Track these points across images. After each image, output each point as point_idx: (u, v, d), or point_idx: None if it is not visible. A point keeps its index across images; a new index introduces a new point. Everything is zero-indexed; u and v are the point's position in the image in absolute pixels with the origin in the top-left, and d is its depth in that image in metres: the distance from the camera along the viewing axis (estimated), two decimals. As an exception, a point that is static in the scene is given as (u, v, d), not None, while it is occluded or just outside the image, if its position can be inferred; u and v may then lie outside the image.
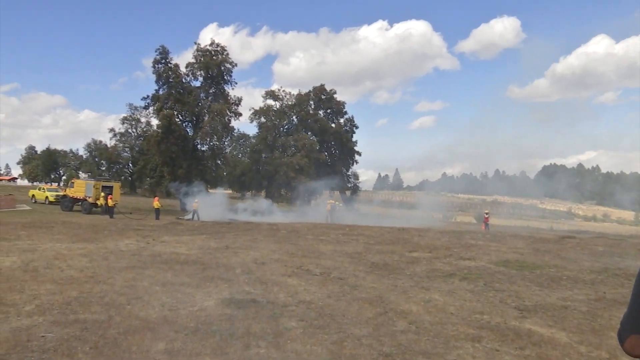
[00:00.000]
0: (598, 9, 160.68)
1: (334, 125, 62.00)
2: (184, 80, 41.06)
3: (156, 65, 40.01)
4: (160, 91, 40.61)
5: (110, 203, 29.21)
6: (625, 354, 1.26)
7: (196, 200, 32.21)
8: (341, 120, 63.13)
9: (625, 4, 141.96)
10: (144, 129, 65.88)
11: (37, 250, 12.18)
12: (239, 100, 43.01)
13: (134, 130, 69.97)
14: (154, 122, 47.56)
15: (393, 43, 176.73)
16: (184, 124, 41.89)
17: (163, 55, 40.23)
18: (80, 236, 16.01)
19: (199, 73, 41.57)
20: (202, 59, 41.13)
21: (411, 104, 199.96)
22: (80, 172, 75.81)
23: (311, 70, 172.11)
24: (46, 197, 36.87)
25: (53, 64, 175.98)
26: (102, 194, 30.40)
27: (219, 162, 46.54)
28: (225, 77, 42.47)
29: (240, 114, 43.82)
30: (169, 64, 40.45)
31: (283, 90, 61.45)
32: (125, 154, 72.14)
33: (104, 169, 72.47)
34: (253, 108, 60.61)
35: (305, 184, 51.22)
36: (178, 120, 40.72)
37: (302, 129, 59.10)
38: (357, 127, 63.66)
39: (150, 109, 43.33)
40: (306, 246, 15.51)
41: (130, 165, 73.27)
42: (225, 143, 49.02)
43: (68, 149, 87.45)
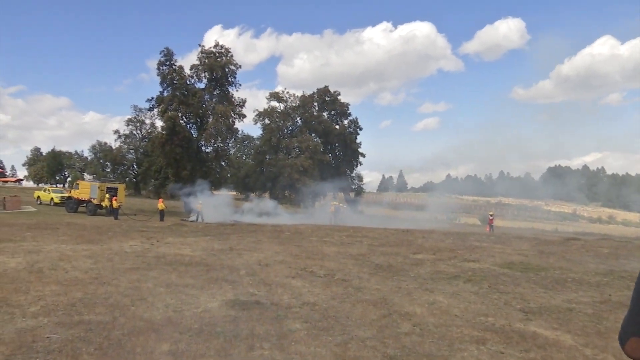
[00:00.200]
0: (603, 10, 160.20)
1: (338, 126, 61.91)
2: (188, 82, 41.18)
3: (161, 67, 40.24)
4: (165, 93, 40.80)
5: (114, 204, 29.35)
6: (627, 357, 1.27)
7: (200, 201, 32.30)
8: (345, 121, 63.10)
9: (631, 5, 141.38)
10: (149, 131, 66.16)
11: (42, 251, 12.24)
12: (243, 102, 43.16)
13: (139, 131, 70.33)
14: (159, 124, 47.82)
15: (397, 44, 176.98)
16: (188, 126, 42.03)
17: (167, 57, 40.42)
18: (85, 237, 16.09)
19: (204, 75, 41.68)
20: (207, 60, 41.24)
21: (415, 106, 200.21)
22: (85, 174, 76.28)
23: (315, 71, 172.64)
24: (51, 199, 37.10)
25: (58, 66, 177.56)
26: (107, 196, 30.56)
27: (223, 164, 46.66)
28: (230, 79, 42.56)
29: (245, 116, 43.95)
30: (174, 66, 40.64)
31: (287, 92, 61.51)
32: (129, 155, 72.42)
33: (108, 170, 72.74)
34: (257, 110, 60.67)
35: (309, 185, 51.21)
36: (182, 122, 40.86)
37: (306, 130, 59.02)
38: (361, 129, 63.64)
39: (155, 110, 43.57)
40: (310, 248, 15.51)
41: (134, 166, 73.60)
42: (230, 145, 49.11)
43: (73, 150, 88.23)
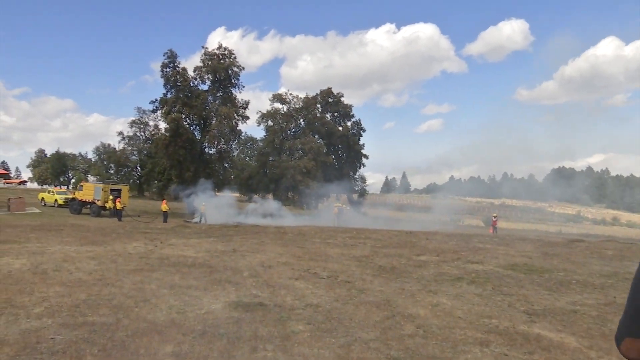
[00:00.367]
0: (607, 11, 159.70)
1: (341, 128, 61.89)
2: (191, 84, 41.36)
3: (164, 69, 40.40)
4: (168, 95, 40.95)
5: (118, 206, 29.44)
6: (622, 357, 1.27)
7: (203, 203, 32.37)
8: (348, 123, 63.06)
9: (635, 6, 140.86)
10: (152, 133, 66.19)
11: (47, 252, 12.29)
12: (247, 104, 43.28)
13: (142, 133, 70.44)
14: (162, 126, 47.87)
15: (400, 46, 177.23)
16: (192, 128, 42.20)
17: (171, 59, 40.60)
18: (88, 239, 16.15)
19: (207, 77, 41.85)
20: (210, 62, 41.39)
21: (418, 107, 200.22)
22: (89, 175, 76.57)
23: (318, 73, 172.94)
24: (55, 200, 37.23)
25: (63, 68, 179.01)
26: (111, 197, 30.68)
27: (227, 165, 46.80)
28: (233, 81, 42.71)
29: (248, 118, 44.14)
30: (177, 68, 40.80)
31: (290, 94, 61.48)
32: (133, 157, 72.61)
33: (112, 172, 72.94)
34: (260, 111, 60.76)
35: (313, 187, 51.20)
36: (186, 123, 41.03)
37: (309, 132, 59.03)
38: (364, 130, 63.58)
39: (158, 112, 43.76)
40: (313, 249, 15.50)
41: (138, 168, 73.76)
42: (233, 146, 49.30)
43: (77, 152, 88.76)
